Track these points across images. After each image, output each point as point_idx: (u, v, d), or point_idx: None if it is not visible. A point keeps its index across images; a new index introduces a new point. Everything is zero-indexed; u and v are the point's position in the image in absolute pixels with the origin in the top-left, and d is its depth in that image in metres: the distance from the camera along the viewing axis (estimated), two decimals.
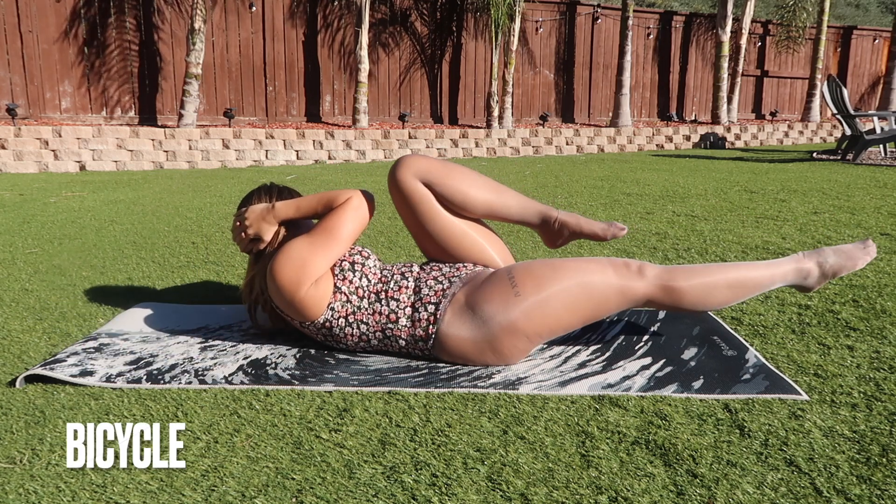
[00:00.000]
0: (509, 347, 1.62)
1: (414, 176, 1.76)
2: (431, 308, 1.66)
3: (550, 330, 1.62)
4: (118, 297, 2.34)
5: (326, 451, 1.25)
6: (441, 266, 1.77)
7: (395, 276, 1.73)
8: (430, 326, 1.65)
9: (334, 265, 1.71)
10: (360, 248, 1.77)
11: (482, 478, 1.15)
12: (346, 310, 1.69)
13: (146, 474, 1.17)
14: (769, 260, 1.80)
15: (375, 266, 1.75)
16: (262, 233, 1.76)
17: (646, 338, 1.84)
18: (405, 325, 1.67)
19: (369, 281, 1.71)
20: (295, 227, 1.81)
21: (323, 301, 1.68)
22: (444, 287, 1.69)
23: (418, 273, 1.75)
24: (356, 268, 1.71)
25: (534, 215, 1.86)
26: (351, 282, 1.70)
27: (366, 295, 1.70)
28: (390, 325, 1.68)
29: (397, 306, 1.68)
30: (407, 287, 1.70)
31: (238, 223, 1.80)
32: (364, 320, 1.69)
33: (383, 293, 1.70)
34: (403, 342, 1.69)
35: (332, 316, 1.69)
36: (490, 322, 1.60)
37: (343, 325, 1.70)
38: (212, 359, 1.71)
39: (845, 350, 1.71)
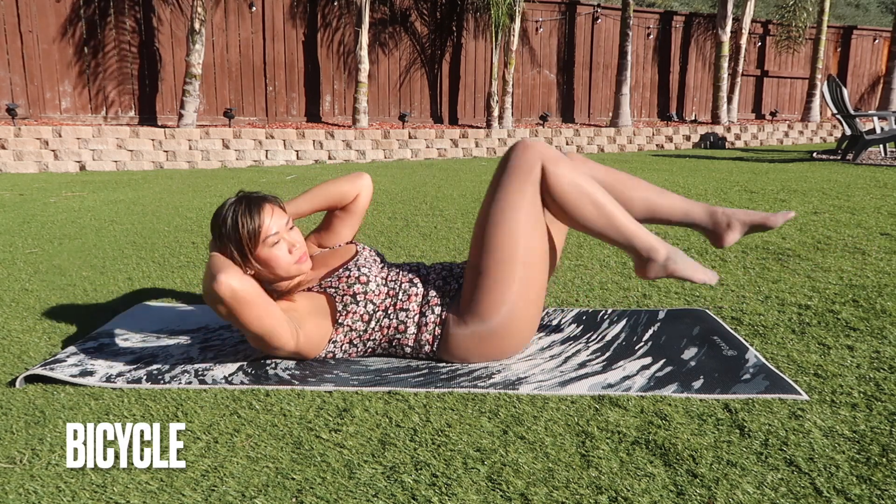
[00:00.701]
0: (519, 329, 1.64)
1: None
2: (437, 310, 1.66)
3: (543, 273, 1.64)
4: (118, 297, 2.34)
5: (326, 451, 1.25)
6: (451, 266, 1.77)
7: (402, 286, 1.69)
8: (437, 328, 1.65)
9: (335, 302, 1.64)
10: (356, 274, 1.66)
11: (482, 478, 1.15)
12: (351, 336, 1.67)
13: (146, 474, 1.17)
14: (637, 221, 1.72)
15: (379, 286, 1.67)
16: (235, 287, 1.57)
17: (646, 338, 1.84)
18: (412, 333, 1.67)
19: (375, 305, 1.66)
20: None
21: (322, 341, 1.65)
22: (452, 286, 1.69)
23: (426, 275, 1.73)
24: (358, 298, 1.64)
25: (702, 214, 1.77)
26: (355, 312, 1.65)
27: (373, 318, 1.66)
28: (398, 336, 1.67)
29: (406, 316, 1.66)
30: (416, 294, 1.68)
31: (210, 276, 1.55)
32: (371, 337, 1.68)
33: (391, 307, 1.67)
34: (409, 349, 1.69)
35: (334, 347, 1.68)
36: (491, 316, 1.60)
37: (348, 347, 1.69)
38: (212, 359, 1.71)
39: (845, 350, 1.71)
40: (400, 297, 1.67)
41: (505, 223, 1.58)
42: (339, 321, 1.65)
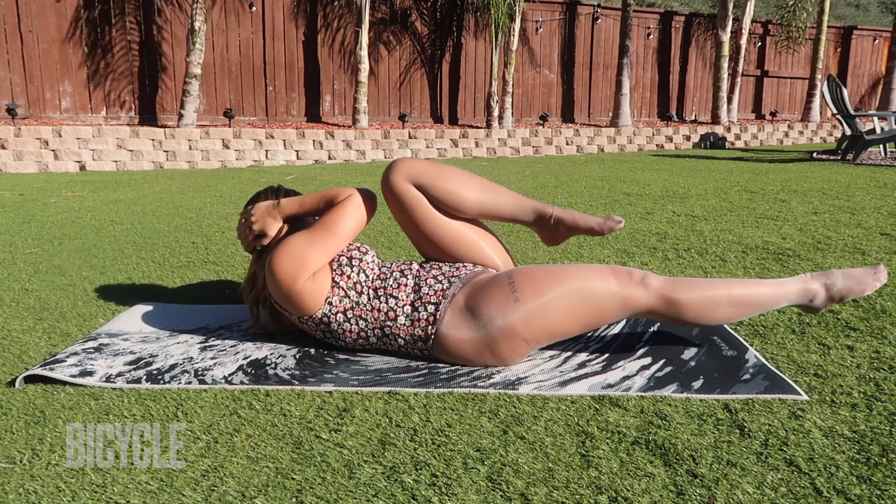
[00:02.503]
0: (508, 351, 1.62)
1: (406, 179, 1.76)
2: (431, 308, 1.66)
3: (549, 335, 1.62)
4: (118, 297, 2.34)
5: (326, 451, 1.25)
6: (441, 265, 1.77)
7: (393, 273, 1.74)
8: (430, 327, 1.65)
9: (332, 260, 1.73)
10: (358, 245, 1.79)
11: (482, 478, 1.15)
12: (345, 304, 1.70)
13: (146, 474, 1.17)
14: (776, 279, 1.76)
15: (374, 262, 1.77)
16: (267, 228, 1.79)
17: (646, 338, 1.84)
18: (404, 324, 1.67)
19: (367, 276, 1.72)
20: (296, 225, 1.83)
21: (320, 295, 1.68)
22: (444, 287, 1.69)
23: (418, 271, 1.75)
24: (354, 263, 1.73)
25: (528, 213, 1.86)
26: (349, 277, 1.71)
27: (364, 291, 1.71)
28: (389, 323, 1.68)
29: (396, 304, 1.68)
30: (406, 285, 1.70)
31: (244, 219, 1.83)
32: (363, 316, 1.70)
33: (381, 290, 1.71)
34: (402, 341, 1.69)
35: (329, 311, 1.69)
36: (489, 325, 1.60)
37: (341, 320, 1.70)
38: (212, 359, 1.71)
39: (845, 350, 1.71)
40: (390, 283, 1.71)
41: (573, 305, 1.59)
42: (335, 280, 1.70)
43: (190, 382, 1.55)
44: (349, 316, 1.70)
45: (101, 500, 1.10)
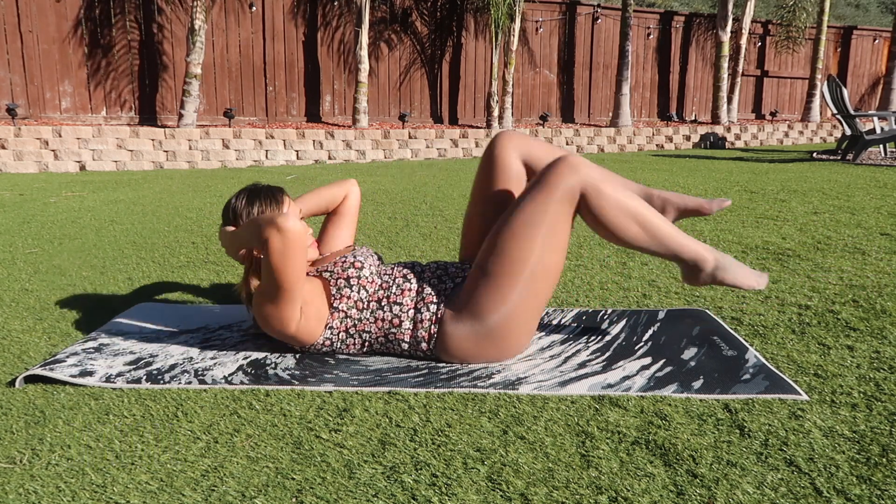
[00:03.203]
0: (516, 335, 1.63)
1: (518, 156, 1.79)
2: (433, 308, 1.66)
3: (549, 288, 1.65)
4: (118, 297, 2.34)
5: (326, 451, 1.25)
6: (447, 265, 1.77)
7: (396, 280, 1.71)
8: (433, 326, 1.65)
9: (328, 285, 1.67)
10: (352, 260, 1.70)
11: (482, 478, 1.15)
12: (346, 324, 1.68)
13: (146, 474, 1.17)
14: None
15: (373, 274, 1.71)
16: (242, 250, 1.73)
17: (646, 338, 1.84)
18: (408, 328, 1.67)
19: (367, 292, 1.68)
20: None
21: (319, 325, 1.66)
22: (447, 286, 1.69)
23: (421, 273, 1.74)
24: (352, 282, 1.67)
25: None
26: (348, 297, 1.67)
27: (366, 306, 1.68)
28: (393, 330, 1.68)
29: (400, 310, 1.67)
30: (410, 290, 1.69)
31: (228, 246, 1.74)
32: (366, 329, 1.69)
33: (385, 299, 1.68)
34: (406, 345, 1.69)
35: (331, 334, 1.68)
36: (488, 317, 1.60)
37: (344, 337, 1.70)
38: (212, 359, 1.71)
39: (845, 350, 1.71)
40: (393, 291, 1.69)
41: (524, 235, 1.59)
42: (335, 305, 1.67)
43: (190, 382, 1.55)
44: (352, 332, 1.69)
45: (101, 500, 1.10)
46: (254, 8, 9.45)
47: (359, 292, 1.67)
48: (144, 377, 1.58)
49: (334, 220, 2.00)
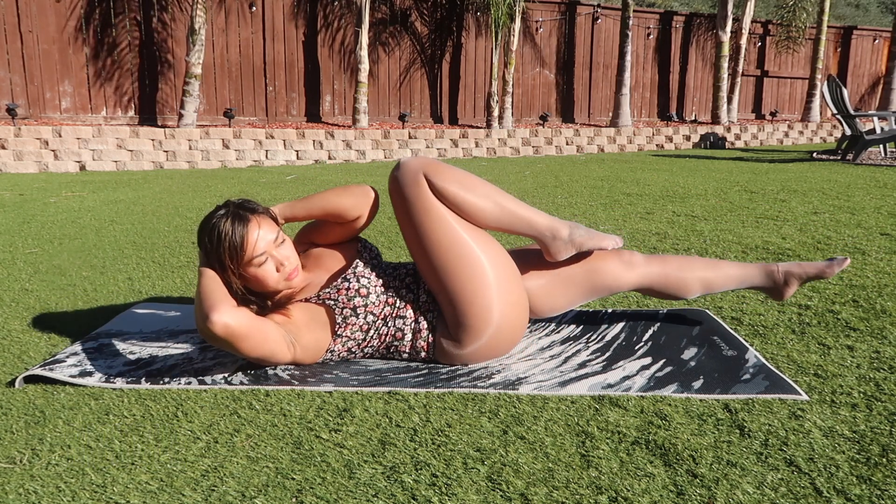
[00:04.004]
0: (516, 327, 1.64)
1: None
2: (430, 316, 1.65)
3: (509, 264, 1.65)
4: (118, 297, 2.34)
5: (326, 451, 1.25)
6: None
7: (400, 293, 1.67)
8: (430, 336, 1.65)
9: (334, 314, 1.61)
10: (356, 286, 1.61)
11: (482, 478, 1.14)
12: (349, 346, 1.66)
13: (146, 474, 1.17)
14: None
15: (378, 296, 1.64)
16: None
17: (646, 338, 1.83)
18: (409, 340, 1.67)
19: (375, 315, 1.64)
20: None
21: (319, 351, 1.64)
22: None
23: (420, 280, 1.71)
24: (359, 311, 1.62)
25: (758, 277, 1.84)
26: (354, 324, 1.63)
27: (372, 327, 1.65)
28: (395, 343, 1.67)
29: (403, 323, 1.66)
30: (412, 301, 1.67)
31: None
32: (369, 345, 1.68)
33: (389, 316, 1.66)
34: (406, 354, 1.68)
35: (332, 355, 1.67)
36: (484, 332, 1.60)
37: (345, 356, 1.69)
38: (211, 359, 1.71)
39: (845, 350, 1.71)
40: (398, 305, 1.66)
41: (444, 242, 1.57)
42: (338, 332, 1.63)
43: (190, 382, 1.55)
44: (353, 350, 1.68)
45: (101, 500, 1.10)
46: (254, 8, 9.45)
47: (365, 318, 1.63)
48: (144, 377, 1.58)
49: (337, 229, 1.73)
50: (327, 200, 1.67)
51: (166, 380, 1.57)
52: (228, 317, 1.42)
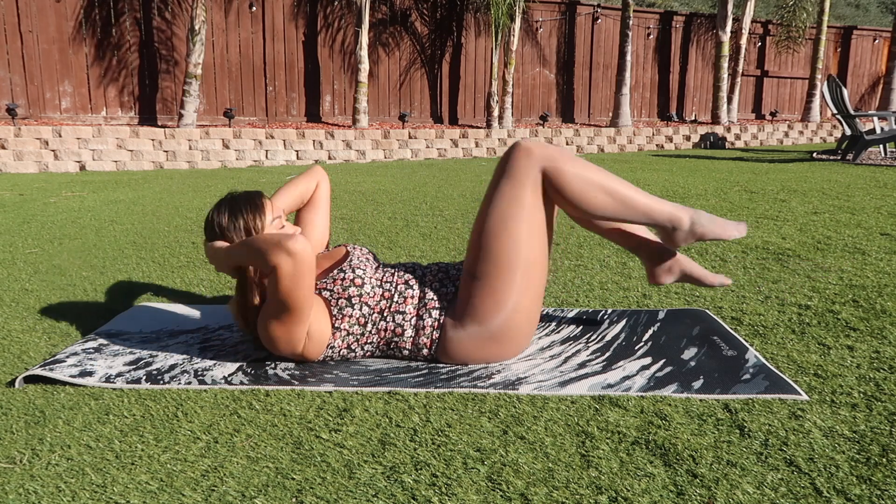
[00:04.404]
0: (522, 332, 1.64)
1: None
2: (435, 314, 1.65)
3: (542, 279, 1.64)
4: (118, 297, 2.34)
5: (326, 451, 1.25)
6: (448, 268, 1.76)
7: (398, 287, 1.68)
8: (434, 332, 1.65)
9: (329, 306, 1.64)
10: (351, 276, 1.64)
11: (482, 478, 1.14)
12: (348, 341, 1.66)
13: (146, 474, 1.17)
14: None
15: (374, 288, 1.66)
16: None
17: (646, 338, 1.83)
18: (410, 336, 1.66)
19: (370, 307, 1.65)
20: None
21: (321, 345, 1.64)
22: (448, 289, 1.69)
23: (422, 276, 1.72)
24: (353, 301, 1.63)
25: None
26: (350, 315, 1.64)
27: (368, 320, 1.66)
28: (396, 339, 1.67)
29: (403, 319, 1.66)
30: (413, 297, 1.67)
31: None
32: (369, 340, 1.68)
33: (387, 310, 1.66)
34: (407, 351, 1.68)
35: (332, 351, 1.67)
36: (491, 322, 1.60)
37: (345, 353, 1.69)
38: (211, 359, 1.71)
39: (845, 350, 1.71)
40: (396, 300, 1.66)
41: (504, 232, 1.59)
42: (336, 325, 1.64)
43: (190, 382, 1.55)
44: (354, 347, 1.68)
45: (101, 500, 1.10)
46: (254, 8, 9.45)
47: (361, 309, 1.64)
48: (144, 377, 1.58)
49: (309, 210, 1.93)
50: (287, 191, 1.87)
51: (166, 380, 1.57)
52: (307, 242, 1.50)
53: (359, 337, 1.66)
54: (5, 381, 1.58)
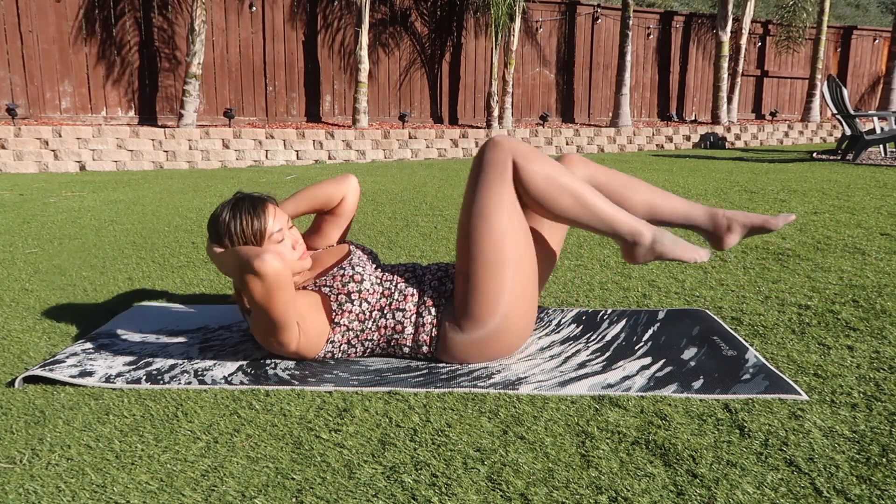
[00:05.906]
0: (519, 328, 1.64)
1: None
2: (434, 311, 1.65)
3: (533, 270, 1.65)
4: (118, 297, 2.34)
5: (326, 451, 1.25)
6: (447, 267, 1.76)
7: (398, 285, 1.68)
8: (434, 330, 1.65)
9: (329, 301, 1.65)
10: (350, 273, 1.65)
11: (482, 478, 1.14)
12: (348, 336, 1.66)
13: (146, 474, 1.17)
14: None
15: (373, 284, 1.67)
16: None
17: (646, 338, 1.83)
18: (410, 333, 1.67)
19: (369, 303, 1.65)
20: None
21: (320, 340, 1.64)
22: (448, 287, 1.69)
23: (422, 275, 1.73)
24: (353, 297, 1.64)
25: (701, 216, 1.77)
26: (349, 311, 1.64)
27: (368, 317, 1.66)
28: (396, 336, 1.67)
29: (403, 316, 1.66)
30: (413, 294, 1.67)
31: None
32: (369, 338, 1.68)
33: (387, 307, 1.66)
34: (407, 349, 1.68)
35: (333, 347, 1.67)
36: (488, 322, 1.60)
37: (346, 348, 1.69)
38: (211, 359, 1.71)
39: (845, 350, 1.71)
40: (395, 297, 1.67)
41: (487, 228, 1.58)
42: (336, 321, 1.64)
43: (190, 382, 1.55)
44: (353, 343, 1.68)
45: (101, 500, 1.10)
46: (254, 8, 9.45)
47: (360, 305, 1.65)
48: (144, 377, 1.58)
49: (329, 219, 1.88)
50: (311, 192, 1.82)
51: (166, 380, 1.57)
52: (279, 262, 1.46)
53: (358, 333, 1.66)
54: (5, 381, 1.58)
